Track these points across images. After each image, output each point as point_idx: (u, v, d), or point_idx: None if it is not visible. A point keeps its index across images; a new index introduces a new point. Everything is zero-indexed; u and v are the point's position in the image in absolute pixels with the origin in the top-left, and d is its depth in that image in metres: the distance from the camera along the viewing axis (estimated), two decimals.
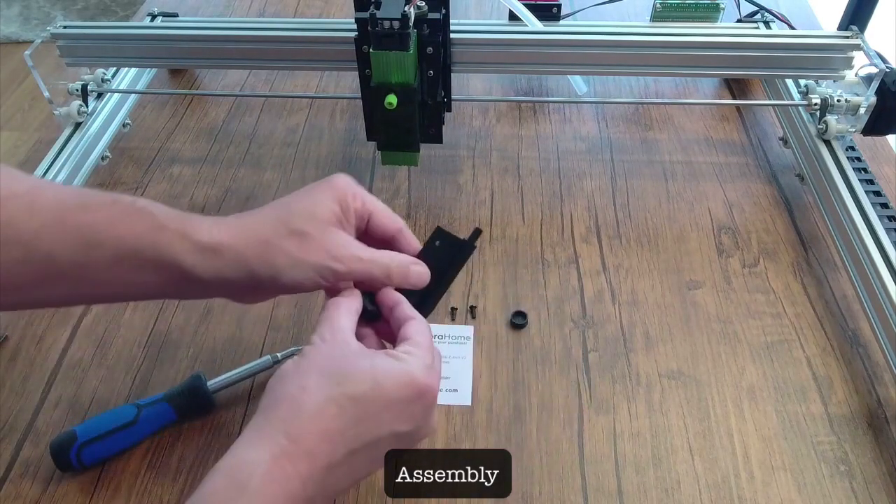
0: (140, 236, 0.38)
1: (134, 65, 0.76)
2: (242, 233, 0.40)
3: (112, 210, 0.39)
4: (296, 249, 0.40)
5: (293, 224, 0.41)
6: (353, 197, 0.43)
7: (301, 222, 0.41)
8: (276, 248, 0.40)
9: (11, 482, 0.48)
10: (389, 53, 0.54)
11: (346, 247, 0.41)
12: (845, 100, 0.63)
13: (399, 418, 0.37)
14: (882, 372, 0.53)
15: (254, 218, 0.42)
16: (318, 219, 0.41)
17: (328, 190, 0.43)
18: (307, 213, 0.41)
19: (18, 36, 2.33)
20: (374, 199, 0.45)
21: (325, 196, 0.42)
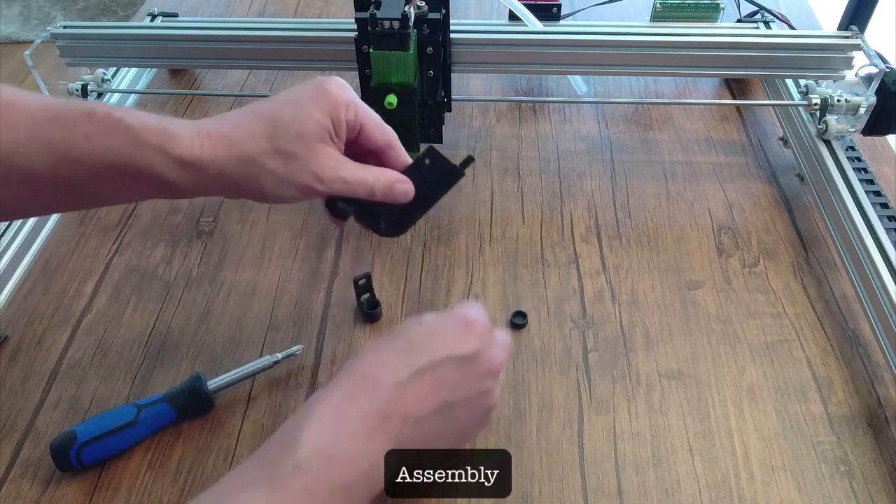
0: (118, 152, 0.38)
1: (134, 65, 0.76)
2: (224, 147, 0.39)
3: (87, 125, 0.38)
4: (280, 169, 0.40)
5: (279, 142, 0.40)
6: (346, 108, 0.41)
7: (288, 141, 0.40)
8: (260, 166, 0.39)
9: (11, 482, 0.48)
10: (389, 53, 0.54)
11: (331, 168, 0.41)
12: (845, 100, 0.64)
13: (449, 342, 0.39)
14: (882, 372, 0.53)
15: (238, 128, 0.40)
16: (306, 136, 0.40)
17: (320, 100, 0.41)
18: (295, 131, 0.40)
19: (18, 36, 2.33)
20: (368, 109, 0.43)
21: (317, 108, 0.41)
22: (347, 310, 0.58)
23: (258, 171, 0.39)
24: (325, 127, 0.40)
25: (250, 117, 0.41)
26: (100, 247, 0.64)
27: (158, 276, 0.62)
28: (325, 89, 0.41)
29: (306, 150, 0.40)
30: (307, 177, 0.40)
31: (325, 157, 0.41)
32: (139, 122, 0.38)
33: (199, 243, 0.64)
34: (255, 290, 0.60)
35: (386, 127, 0.44)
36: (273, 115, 0.41)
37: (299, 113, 0.40)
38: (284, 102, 0.41)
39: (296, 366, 0.54)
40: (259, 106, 0.42)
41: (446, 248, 0.63)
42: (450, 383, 0.39)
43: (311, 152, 0.40)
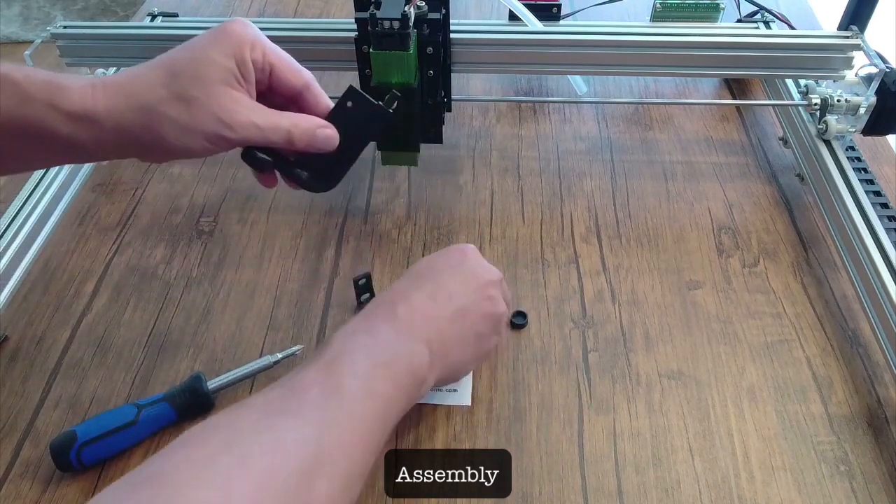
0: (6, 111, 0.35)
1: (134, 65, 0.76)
2: (120, 98, 0.36)
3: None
4: (182, 116, 0.36)
5: (178, 87, 0.36)
6: (251, 47, 0.38)
7: (187, 85, 0.36)
8: (159, 115, 0.36)
9: (11, 482, 0.48)
10: (389, 53, 0.54)
11: (239, 112, 0.37)
12: (845, 100, 0.63)
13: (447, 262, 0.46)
14: (882, 372, 0.53)
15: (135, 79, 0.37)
16: (206, 79, 0.37)
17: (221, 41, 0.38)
18: (194, 74, 0.37)
19: (18, 36, 2.33)
20: (277, 49, 0.40)
21: (217, 49, 0.37)
22: (347, 310, 0.58)
23: (158, 120, 0.36)
24: (227, 68, 0.37)
25: (148, 67, 0.38)
26: (100, 247, 0.64)
27: (158, 276, 0.62)
28: (227, 29, 0.38)
29: (207, 93, 0.37)
30: (212, 123, 0.37)
31: (231, 101, 0.37)
32: (24, 75, 0.36)
33: (199, 243, 0.64)
34: (255, 291, 0.60)
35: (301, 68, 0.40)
36: (171, 61, 0.38)
37: (198, 56, 0.37)
38: (183, 48, 0.38)
39: (296, 366, 0.54)
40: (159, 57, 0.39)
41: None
42: (457, 292, 0.43)
43: (213, 96, 0.37)
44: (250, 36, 0.38)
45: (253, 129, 0.38)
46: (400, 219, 0.66)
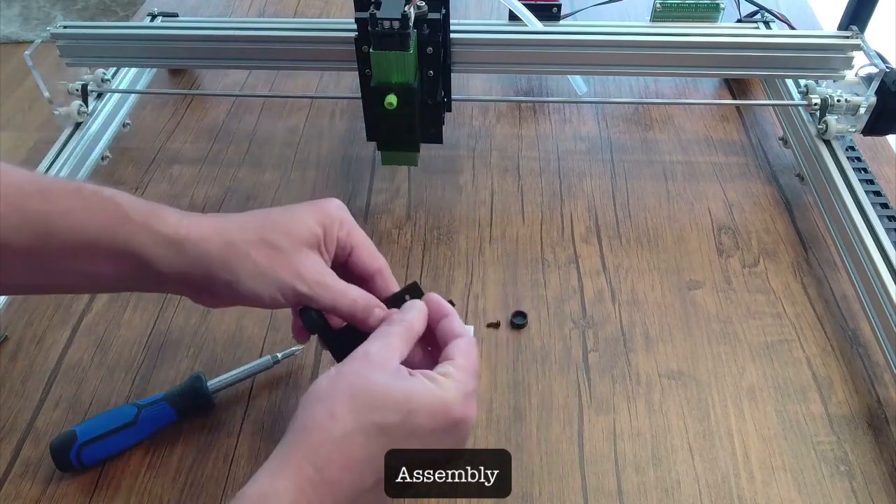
0: (101, 226, 0.37)
1: (134, 65, 0.76)
2: (211, 232, 0.39)
3: (74, 199, 0.37)
4: (262, 259, 0.39)
5: (266, 234, 0.39)
6: (339, 224, 0.41)
7: (275, 234, 0.39)
8: (242, 253, 0.38)
9: (11, 482, 0.48)
10: (389, 53, 0.54)
11: (316, 270, 0.40)
12: (845, 100, 0.64)
13: (431, 446, 0.36)
14: (882, 372, 0.53)
15: (228, 220, 0.40)
16: (295, 236, 0.39)
17: (315, 211, 0.41)
18: (284, 228, 0.40)
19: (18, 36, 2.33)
20: (361, 232, 0.43)
21: (309, 216, 0.40)
22: None
23: (240, 257, 0.38)
24: (315, 234, 0.40)
25: (245, 215, 0.41)
26: None
27: None
28: (322, 204, 0.41)
29: (293, 247, 0.39)
30: (289, 274, 0.39)
31: (310, 260, 0.40)
32: (128, 200, 0.38)
33: None
34: None
35: (378, 254, 0.43)
36: (266, 214, 0.41)
37: (291, 216, 0.40)
38: (278, 208, 0.42)
39: (296, 366, 0.54)
40: (255, 210, 0.42)
41: (446, 248, 0.63)
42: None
43: (297, 252, 0.39)
44: (340, 215, 0.41)
45: (324, 288, 0.40)
46: (400, 219, 0.66)
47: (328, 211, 0.41)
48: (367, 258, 0.43)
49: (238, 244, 0.39)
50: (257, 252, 0.39)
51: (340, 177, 0.71)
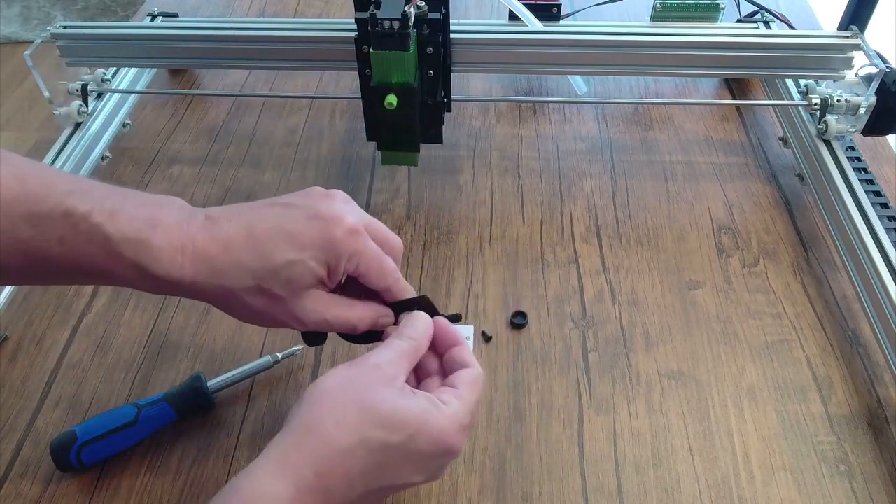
0: (91, 262, 0.36)
1: (134, 65, 0.76)
2: (207, 272, 0.37)
3: (63, 227, 0.35)
4: (260, 307, 0.38)
5: (264, 282, 0.37)
6: (348, 259, 0.39)
7: (275, 285, 0.38)
8: (239, 299, 0.38)
9: (11, 482, 0.48)
10: (389, 53, 0.54)
11: (314, 312, 0.39)
12: (845, 100, 0.63)
13: (418, 470, 0.36)
14: (882, 372, 0.53)
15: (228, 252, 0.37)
16: (296, 284, 0.38)
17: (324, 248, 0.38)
18: (285, 279, 0.37)
19: (18, 36, 2.33)
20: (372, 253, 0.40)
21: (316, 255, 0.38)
22: None
23: (237, 303, 0.38)
24: (318, 276, 0.38)
25: (244, 239, 0.38)
26: None
27: None
28: (334, 237, 0.38)
29: (292, 295, 0.38)
30: (287, 317, 0.39)
31: (310, 302, 0.39)
32: (118, 230, 0.36)
33: None
34: None
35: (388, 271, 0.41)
36: (267, 249, 0.37)
37: (296, 258, 0.37)
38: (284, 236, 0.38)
39: (296, 366, 0.54)
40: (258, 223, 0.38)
41: (446, 248, 0.63)
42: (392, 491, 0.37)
43: (296, 297, 0.38)
44: (351, 248, 0.39)
45: (323, 324, 0.40)
46: (400, 219, 0.66)
47: (339, 248, 0.38)
48: (376, 280, 0.41)
49: (235, 292, 0.37)
50: (254, 301, 0.38)
51: (340, 177, 0.71)
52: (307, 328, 0.40)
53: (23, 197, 0.35)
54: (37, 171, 0.37)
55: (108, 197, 0.37)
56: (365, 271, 0.40)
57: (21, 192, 0.35)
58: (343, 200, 0.40)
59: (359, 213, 0.40)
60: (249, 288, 0.37)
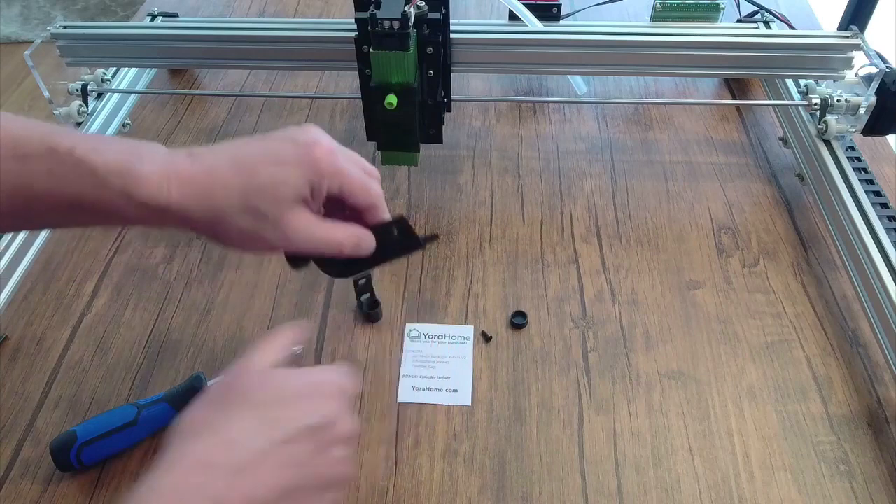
0: (80, 194, 0.36)
1: (134, 65, 0.76)
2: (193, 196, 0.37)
3: (49, 162, 0.36)
4: (249, 226, 0.38)
5: (252, 200, 0.38)
6: (330, 179, 0.40)
7: (262, 202, 0.38)
8: (228, 221, 0.38)
9: (11, 482, 0.48)
10: (389, 53, 0.54)
11: (302, 230, 0.39)
12: (845, 100, 0.63)
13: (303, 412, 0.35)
14: (882, 372, 0.53)
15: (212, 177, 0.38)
16: (281, 199, 0.39)
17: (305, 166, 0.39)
18: (271, 195, 0.38)
19: (18, 36, 2.33)
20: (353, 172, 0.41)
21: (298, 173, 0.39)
22: (347, 310, 0.58)
23: (225, 224, 0.38)
24: (302, 194, 0.39)
25: (228, 164, 0.39)
26: (100, 247, 0.64)
27: (158, 276, 0.62)
28: (314, 156, 0.39)
29: (279, 212, 0.39)
30: (276, 237, 0.39)
31: (297, 219, 0.39)
32: (103, 161, 0.36)
33: (199, 243, 0.64)
34: (255, 291, 0.60)
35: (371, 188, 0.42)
36: (252, 169, 0.38)
37: (279, 176, 0.38)
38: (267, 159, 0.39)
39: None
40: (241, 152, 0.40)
41: (446, 248, 0.63)
42: (301, 460, 0.34)
43: (283, 215, 0.39)
44: (332, 167, 0.40)
45: (310, 243, 0.40)
46: None
47: (320, 167, 0.39)
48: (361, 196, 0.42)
49: (222, 211, 0.38)
50: (242, 220, 0.38)
51: None
52: (294, 248, 0.40)
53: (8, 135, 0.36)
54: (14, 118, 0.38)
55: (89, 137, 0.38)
56: (350, 189, 0.41)
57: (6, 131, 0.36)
58: (318, 129, 0.41)
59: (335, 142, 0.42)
60: (236, 206, 0.38)
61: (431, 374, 0.54)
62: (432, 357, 0.55)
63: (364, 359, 0.55)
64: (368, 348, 0.56)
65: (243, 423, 0.34)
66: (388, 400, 0.52)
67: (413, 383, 0.53)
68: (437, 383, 0.53)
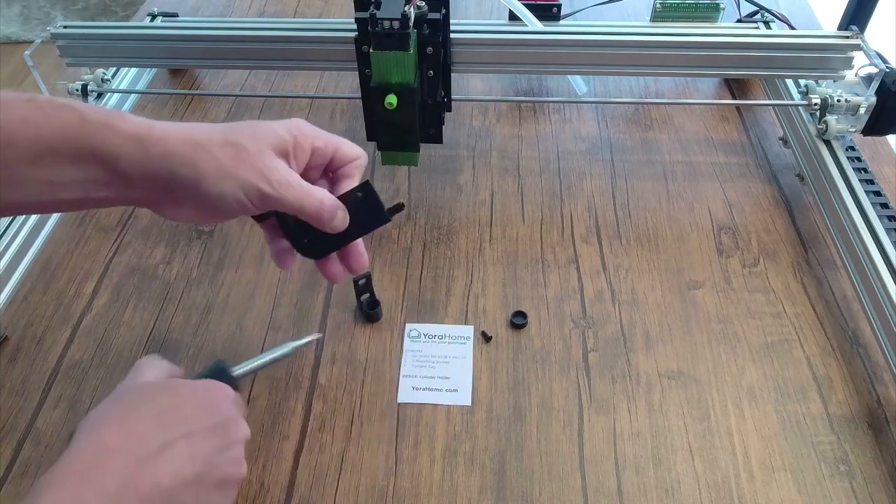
0: (60, 131, 0.36)
1: (134, 65, 0.76)
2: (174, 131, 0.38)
3: (29, 107, 0.36)
4: (226, 159, 0.38)
5: (232, 136, 0.39)
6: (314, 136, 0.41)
7: (241, 136, 0.39)
8: (205, 152, 0.38)
9: (11, 482, 0.48)
10: (389, 53, 0.54)
11: (281, 171, 0.39)
12: (845, 100, 0.63)
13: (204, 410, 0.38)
14: (882, 372, 0.53)
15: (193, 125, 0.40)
16: (260, 138, 0.39)
17: (286, 123, 0.41)
18: (251, 132, 0.39)
19: (18, 36, 2.33)
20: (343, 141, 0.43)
21: (280, 125, 0.40)
22: (347, 310, 0.58)
23: (202, 156, 0.38)
24: (282, 139, 0.40)
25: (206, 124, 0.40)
26: (100, 247, 0.64)
27: (158, 276, 0.62)
28: (294, 120, 0.41)
29: (257, 148, 0.39)
30: (254, 174, 0.38)
31: (275, 162, 0.39)
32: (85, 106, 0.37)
33: (199, 243, 0.64)
34: (255, 290, 0.60)
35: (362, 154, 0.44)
36: (233, 123, 0.40)
37: (259, 124, 0.40)
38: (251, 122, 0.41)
39: (296, 366, 0.54)
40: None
41: (446, 248, 0.63)
42: (203, 455, 0.36)
43: (261, 153, 0.39)
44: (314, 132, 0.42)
45: (290, 189, 0.39)
46: (400, 219, 0.66)
47: (301, 126, 0.41)
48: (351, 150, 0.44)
49: (202, 143, 0.38)
50: (221, 151, 0.38)
51: None
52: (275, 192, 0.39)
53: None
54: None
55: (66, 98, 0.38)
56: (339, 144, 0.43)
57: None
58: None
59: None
60: (216, 140, 0.38)
61: (431, 374, 0.54)
62: (432, 357, 0.55)
63: (364, 359, 0.55)
64: (368, 348, 0.56)
65: (149, 419, 0.36)
66: (388, 400, 0.52)
67: (413, 383, 0.53)
68: (437, 383, 0.53)
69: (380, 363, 0.55)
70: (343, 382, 0.53)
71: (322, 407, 0.52)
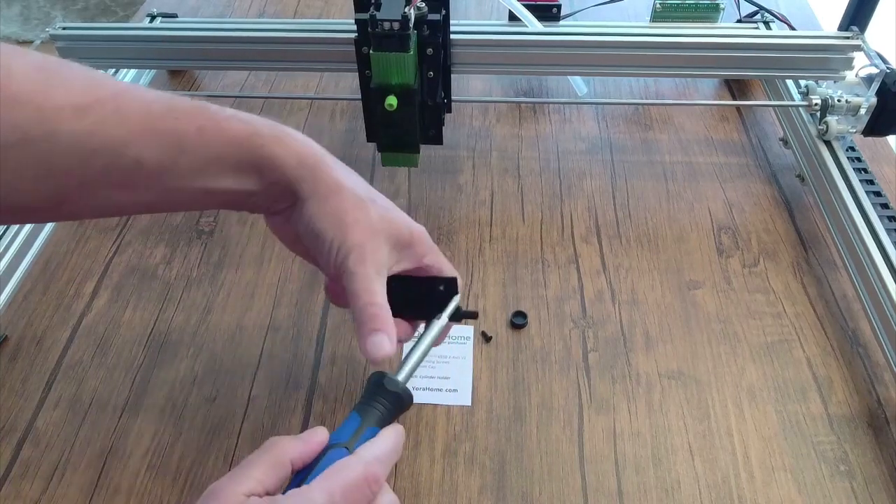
0: (229, 142, 0.38)
1: (133, 66, 0.76)
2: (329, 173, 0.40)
3: (202, 117, 0.38)
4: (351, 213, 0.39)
5: (373, 194, 0.41)
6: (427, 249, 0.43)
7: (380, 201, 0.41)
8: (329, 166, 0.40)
9: (11, 482, 0.48)
10: (389, 55, 0.54)
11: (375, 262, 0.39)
12: (846, 100, 0.63)
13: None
14: (882, 372, 0.53)
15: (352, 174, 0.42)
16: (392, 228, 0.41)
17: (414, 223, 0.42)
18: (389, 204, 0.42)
19: (18, 36, 2.33)
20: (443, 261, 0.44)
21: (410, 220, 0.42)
22: (347, 310, 0.58)
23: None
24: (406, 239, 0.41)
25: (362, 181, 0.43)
26: (100, 247, 0.64)
27: (158, 276, 0.62)
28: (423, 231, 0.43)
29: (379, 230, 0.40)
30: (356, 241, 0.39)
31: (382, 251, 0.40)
32: (250, 117, 0.40)
33: (199, 243, 0.64)
34: (255, 290, 0.60)
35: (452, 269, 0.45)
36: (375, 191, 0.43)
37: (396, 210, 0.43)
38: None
39: (296, 366, 0.54)
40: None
41: (446, 248, 0.63)
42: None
43: (377, 236, 0.40)
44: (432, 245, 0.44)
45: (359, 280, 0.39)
46: None
47: (423, 237, 0.43)
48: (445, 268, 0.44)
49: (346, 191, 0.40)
50: (357, 210, 0.40)
51: None
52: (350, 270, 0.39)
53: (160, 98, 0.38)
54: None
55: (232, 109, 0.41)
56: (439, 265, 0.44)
57: (159, 94, 0.38)
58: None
59: None
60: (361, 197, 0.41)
61: (431, 374, 0.54)
62: (432, 357, 0.55)
63: (364, 359, 0.55)
64: None
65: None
66: None
67: (413, 383, 0.53)
68: (437, 383, 0.53)
69: (380, 363, 0.54)
70: (343, 382, 0.53)
71: (322, 407, 0.52)
